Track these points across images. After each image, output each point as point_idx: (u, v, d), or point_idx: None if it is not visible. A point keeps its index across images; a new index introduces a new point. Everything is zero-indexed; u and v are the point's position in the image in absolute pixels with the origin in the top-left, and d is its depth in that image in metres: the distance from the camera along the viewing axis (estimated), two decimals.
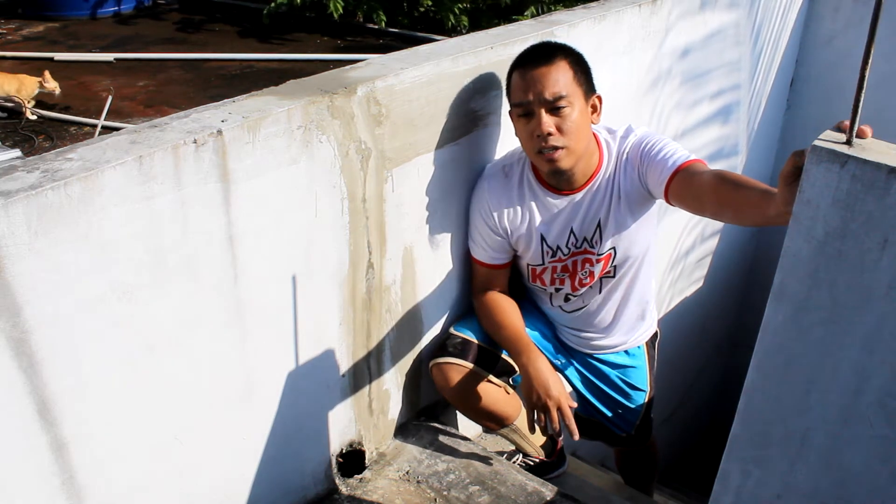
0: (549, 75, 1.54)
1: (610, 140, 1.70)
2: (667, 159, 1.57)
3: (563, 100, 1.54)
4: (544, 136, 1.55)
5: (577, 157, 1.61)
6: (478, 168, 1.80)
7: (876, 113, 1.48)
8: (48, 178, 1.07)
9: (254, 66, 4.33)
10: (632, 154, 1.65)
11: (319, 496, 1.77)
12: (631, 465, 2.42)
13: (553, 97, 1.54)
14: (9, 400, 1.11)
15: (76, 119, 3.42)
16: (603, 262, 1.75)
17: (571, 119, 1.56)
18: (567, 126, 1.55)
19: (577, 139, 1.58)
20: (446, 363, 1.80)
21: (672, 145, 1.60)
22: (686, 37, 2.43)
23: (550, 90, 1.54)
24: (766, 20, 2.93)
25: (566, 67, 1.56)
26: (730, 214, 1.48)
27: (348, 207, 1.54)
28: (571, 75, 1.57)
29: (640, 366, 1.98)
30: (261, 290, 1.43)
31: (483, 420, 1.91)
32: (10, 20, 5.12)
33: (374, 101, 1.50)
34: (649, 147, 1.62)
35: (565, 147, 1.57)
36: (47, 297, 1.10)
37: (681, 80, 2.52)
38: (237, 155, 1.29)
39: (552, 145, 1.56)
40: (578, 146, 1.59)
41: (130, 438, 1.31)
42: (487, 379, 1.81)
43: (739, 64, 2.86)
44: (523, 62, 1.59)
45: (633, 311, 1.88)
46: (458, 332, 1.85)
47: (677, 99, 2.55)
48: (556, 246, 1.75)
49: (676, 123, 2.61)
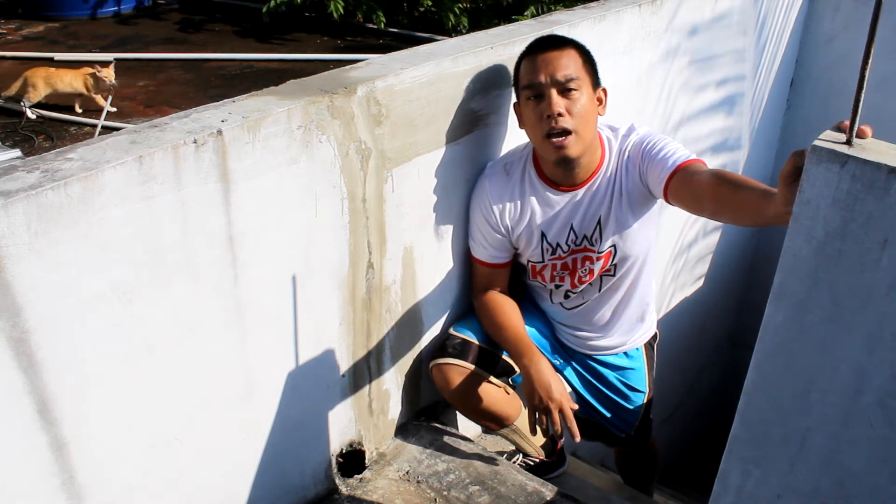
0: (561, 59, 1.57)
1: (612, 138, 1.70)
2: (667, 158, 1.57)
3: (574, 82, 1.56)
4: (555, 115, 1.56)
5: (584, 146, 1.61)
6: (478, 168, 1.80)
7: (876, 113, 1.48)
8: (48, 178, 1.07)
9: (254, 66, 4.34)
10: (633, 152, 1.66)
11: (319, 496, 1.77)
12: (631, 465, 2.43)
13: (565, 78, 1.56)
14: (9, 400, 1.11)
15: (76, 119, 3.42)
16: (603, 260, 1.75)
17: (581, 102, 1.57)
18: (577, 109, 1.57)
19: (586, 125, 1.59)
20: (446, 364, 1.80)
21: (673, 145, 1.61)
22: (688, 31, 2.43)
23: (562, 72, 1.56)
24: (769, 15, 2.93)
25: (575, 55, 1.60)
26: (729, 215, 1.48)
27: (348, 207, 1.54)
28: (581, 62, 1.60)
29: (638, 368, 1.98)
30: (261, 290, 1.43)
31: (483, 420, 1.91)
32: (10, 20, 5.12)
33: (374, 101, 1.50)
34: (650, 146, 1.63)
35: (574, 131, 1.57)
36: (47, 297, 1.11)
37: (683, 78, 2.52)
38: (237, 155, 1.29)
39: (562, 127, 1.56)
40: (587, 133, 1.60)
41: (130, 438, 1.31)
42: (488, 380, 1.81)
43: (744, 54, 2.86)
44: (534, 49, 1.61)
45: (632, 312, 1.88)
46: (457, 333, 1.85)
47: (678, 98, 2.55)
48: (556, 243, 1.75)
49: (678, 122, 2.61)
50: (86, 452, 1.24)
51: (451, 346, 1.82)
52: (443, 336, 1.90)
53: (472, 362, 1.79)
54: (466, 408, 1.86)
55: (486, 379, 1.81)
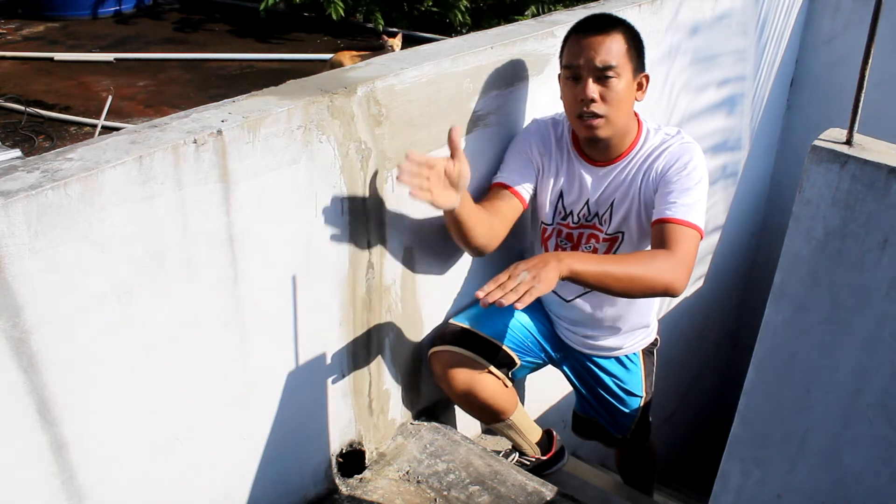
0: (604, 44, 1.57)
1: (652, 130, 1.70)
2: (668, 204, 1.58)
3: (611, 70, 1.56)
4: (588, 101, 1.57)
5: (614, 130, 1.62)
6: (478, 167, 1.80)
7: (876, 113, 1.48)
8: (48, 178, 1.07)
9: (254, 66, 4.34)
10: (660, 166, 1.64)
11: (319, 496, 1.77)
12: (630, 465, 2.43)
13: (602, 65, 1.56)
14: (9, 400, 1.11)
15: (76, 119, 3.42)
16: (608, 244, 1.75)
17: (616, 90, 1.58)
18: (611, 96, 1.58)
19: (619, 111, 1.60)
20: (445, 350, 1.80)
21: (685, 194, 1.58)
22: (688, 31, 2.43)
23: (601, 58, 1.56)
24: (769, 15, 2.93)
25: (621, 40, 1.59)
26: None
27: (348, 207, 1.54)
28: (625, 48, 1.59)
29: (635, 373, 1.97)
30: (261, 290, 1.43)
31: (479, 413, 1.90)
32: (10, 20, 5.13)
33: (374, 101, 1.50)
34: (673, 179, 1.60)
35: (605, 116, 1.59)
36: (47, 297, 1.10)
37: (683, 78, 2.52)
38: (237, 155, 1.29)
39: (593, 111, 1.58)
40: (619, 118, 1.61)
41: (130, 438, 1.31)
42: (487, 370, 1.82)
43: (744, 54, 2.86)
44: (581, 28, 1.61)
45: (630, 315, 1.88)
46: (457, 322, 1.85)
47: (679, 99, 2.55)
48: (570, 210, 1.77)
49: (678, 122, 2.61)
50: (86, 452, 1.24)
51: (451, 334, 1.82)
52: (442, 327, 1.90)
53: (471, 350, 1.80)
54: (463, 398, 1.85)
55: (484, 368, 1.81)
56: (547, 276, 1.37)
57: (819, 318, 0.95)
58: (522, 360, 1.91)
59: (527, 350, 1.92)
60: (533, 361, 1.96)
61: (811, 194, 0.88)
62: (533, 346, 1.93)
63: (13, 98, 3.47)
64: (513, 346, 1.88)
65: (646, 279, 1.48)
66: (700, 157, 1.65)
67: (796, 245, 0.92)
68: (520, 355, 1.89)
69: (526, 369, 1.97)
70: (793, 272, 0.94)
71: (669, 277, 1.49)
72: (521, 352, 1.90)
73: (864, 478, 1.01)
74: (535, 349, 1.94)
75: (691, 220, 1.56)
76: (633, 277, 1.48)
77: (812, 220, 0.89)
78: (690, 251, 1.54)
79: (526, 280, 1.35)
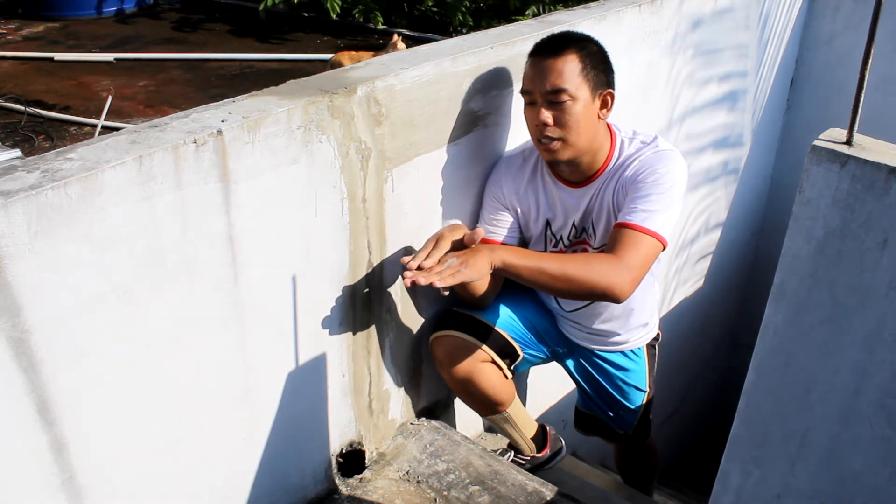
0: (555, 67, 1.55)
1: (626, 141, 1.69)
2: (631, 209, 1.56)
3: (563, 93, 1.55)
4: (541, 126, 1.58)
5: (576, 151, 1.61)
6: (478, 168, 1.81)
7: (876, 113, 1.48)
8: (48, 178, 1.07)
9: (254, 66, 4.34)
10: (631, 174, 1.62)
11: (319, 496, 1.77)
12: (630, 464, 2.43)
13: (553, 88, 1.55)
14: (9, 400, 1.11)
15: (76, 119, 3.42)
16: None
17: (571, 112, 1.56)
18: (565, 119, 1.56)
19: (577, 133, 1.58)
20: (448, 335, 1.80)
21: (648, 200, 1.56)
22: (689, 30, 2.43)
23: (552, 81, 1.55)
24: (769, 15, 2.93)
25: (575, 60, 1.56)
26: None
27: (348, 207, 1.54)
28: (579, 69, 1.56)
29: (639, 367, 1.98)
30: (261, 290, 1.43)
31: (477, 403, 1.90)
32: (10, 20, 5.13)
33: (374, 101, 1.50)
34: (641, 184, 1.59)
35: (562, 139, 1.58)
36: (47, 297, 1.11)
37: (684, 76, 2.52)
38: (237, 155, 1.29)
39: (548, 135, 1.58)
40: (578, 140, 1.59)
41: (130, 438, 1.31)
42: (489, 359, 1.82)
43: (746, 50, 2.86)
44: (536, 51, 1.61)
45: (631, 315, 1.88)
46: (459, 310, 1.85)
47: (680, 97, 2.55)
48: (559, 236, 1.77)
49: (679, 119, 2.62)
50: (86, 452, 1.24)
51: (455, 319, 1.82)
52: (445, 314, 1.90)
53: (473, 335, 1.80)
54: (462, 386, 1.84)
55: (487, 356, 1.81)
56: (476, 263, 1.45)
57: (819, 318, 0.95)
58: (525, 352, 1.91)
59: (530, 343, 1.92)
60: (535, 355, 1.96)
61: (811, 194, 0.88)
62: (536, 340, 1.94)
63: (13, 98, 3.47)
64: (516, 338, 1.88)
65: (583, 280, 1.49)
66: (674, 165, 1.60)
67: (796, 245, 0.92)
68: (523, 347, 1.90)
69: (528, 363, 1.98)
70: (793, 272, 0.94)
71: (608, 281, 1.49)
72: (525, 344, 1.90)
73: (864, 478, 1.01)
74: (538, 343, 1.94)
75: (649, 226, 1.54)
76: (569, 277, 1.49)
77: (812, 220, 0.89)
78: (640, 257, 1.52)
79: (454, 265, 1.43)
